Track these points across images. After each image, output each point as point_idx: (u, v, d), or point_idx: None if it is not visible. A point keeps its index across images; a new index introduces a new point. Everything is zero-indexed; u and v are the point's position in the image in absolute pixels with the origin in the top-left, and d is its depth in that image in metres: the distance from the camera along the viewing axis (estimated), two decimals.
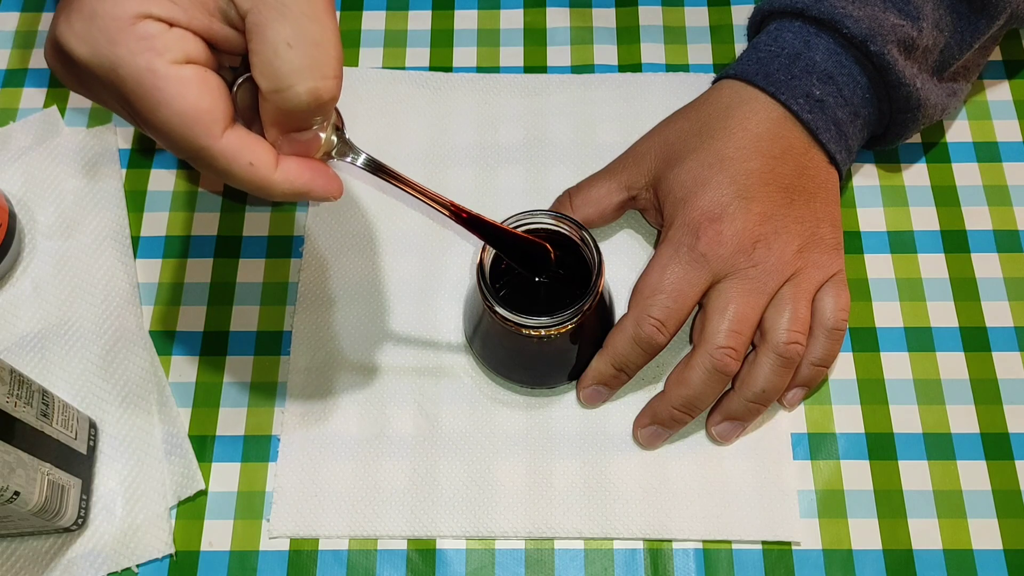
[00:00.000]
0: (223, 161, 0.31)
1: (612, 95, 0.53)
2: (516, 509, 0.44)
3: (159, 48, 0.30)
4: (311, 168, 0.33)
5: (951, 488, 0.44)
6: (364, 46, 0.56)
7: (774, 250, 0.43)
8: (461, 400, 0.46)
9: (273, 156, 0.32)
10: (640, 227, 0.50)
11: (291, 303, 0.48)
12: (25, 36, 0.56)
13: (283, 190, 0.33)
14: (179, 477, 0.44)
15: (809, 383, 0.45)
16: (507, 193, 0.51)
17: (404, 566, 0.43)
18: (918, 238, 0.49)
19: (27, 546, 0.43)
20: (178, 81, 0.30)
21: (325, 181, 0.34)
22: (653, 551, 0.43)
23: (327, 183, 0.34)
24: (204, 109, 0.30)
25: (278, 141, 0.33)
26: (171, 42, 0.30)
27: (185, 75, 0.30)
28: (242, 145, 0.32)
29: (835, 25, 0.45)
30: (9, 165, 0.51)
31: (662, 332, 0.42)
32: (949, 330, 0.47)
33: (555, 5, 0.56)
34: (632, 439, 0.45)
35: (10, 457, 0.37)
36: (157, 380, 0.46)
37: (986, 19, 0.46)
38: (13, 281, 0.49)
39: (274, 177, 0.32)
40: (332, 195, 0.34)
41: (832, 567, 0.42)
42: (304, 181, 0.33)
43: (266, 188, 0.32)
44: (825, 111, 0.45)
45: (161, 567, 0.43)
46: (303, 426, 0.45)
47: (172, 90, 0.30)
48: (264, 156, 0.32)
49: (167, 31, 0.30)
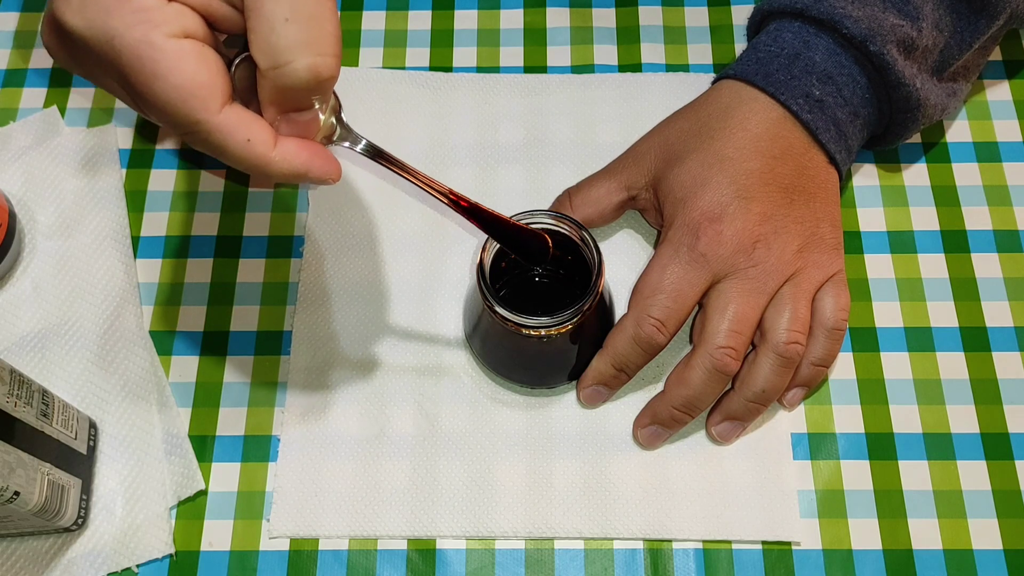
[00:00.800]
0: (219, 136, 0.31)
1: (612, 95, 0.53)
2: (516, 509, 0.44)
3: (156, 21, 0.30)
4: (309, 149, 0.33)
5: (951, 488, 0.44)
6: (364, 46, 0.56)
7: (774, 250, 0.43)
8: (461, 400, 0.46)
9: (271, 135, 0.32)
10: (640, 227, 0.50)
11: (291, 303, 0.48)
12: (25, 36, 0.56)
13: (280, 169, 0.32)
14: (179, 477, 0.44)
15: (809, 383, 0.45)
16: (507, 193, 0.51)
17: (404, 566, 0.43)
18: (918, 238, 0.49)
19: (27, 546, 0.43)
20: (175, 54, 0.30)
21: (323, 162, 0.33)
22: (653, 551, 0.43)
23: (325, 164, 0.34)
24: (201, 83, 0.30)
25: (276, 122, 0.33)
26: (169, 16, 0.30)
27: (183, 48, 0.30)
28: (240, 121, 0.31)
29: (835, 25, 0.45)
30: (9, 165, 0.51)
31: (662, 332, 0.42)
32: (949, 330, 0.47)
33: (555, 5, 0.56)
34: (632, 439, 0.45)
35: (10, 457, 0.37)
36: (157, 380, 0.46)
37: (986, 19, 0.46)
38: (13, 281, 0.49)
39: (271, 155, 0.32)
40: (331, 177, 0.34)
41: (832, 567, 0.42)
42: (302, 161, 0.33)
43: (263, 166, 0.32)
44: (825, 111, 0.45)
45: (161, 567, 0.43)
46: (303, 426, 0.45)
47: (169, 63, 0.30)
48: (262, 134, 0.32)
49: (164, 5, 0.30)
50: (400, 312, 0.48)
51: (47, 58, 0.56)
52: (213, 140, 0.31)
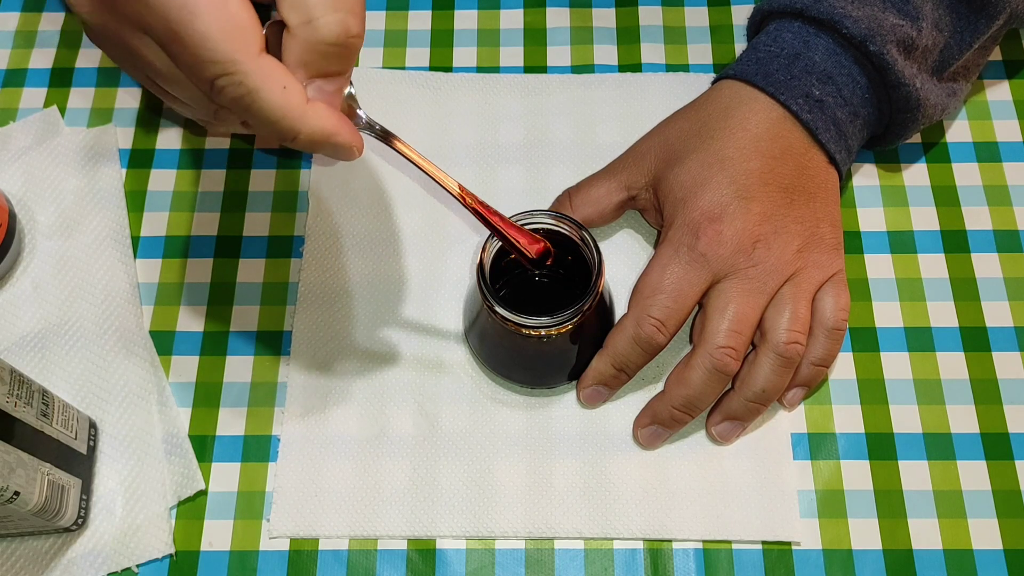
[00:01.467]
0: (255, 80, 0.30)
1: (612, 95, 0.53)
2: (516, 509, 0.44)
3: None
4: (339, 115, 0.33)
5: (951, 488, 0.44)
6: (364, 46, 0.55)
7: (774, 250, 0.43)
8: (461, 400, 0.46)
9: (303, 91, 0.31)
10: (640, 227, 0.50)
11: (291, 303, 0.48)
12: (25, 36, 0.56)
13: (312, 125, 0.31)
14: (179, 477, 0.44)
15: (809, 383, 0.45)
16: (507, 193, 0.51)
17: (404, 566, 0.43)
18: (918, 238, 0.49)
19: (27, 546, 0.43)
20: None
21: (351, 130, 0.33)
22: (653, 551, 0.43)
23: (352, 133, 0.33)
24: (243, 21, 0.30)
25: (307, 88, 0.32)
26: None
27: None
28: (277, 67, 0.31)
29: (834, 25, 0.45)
30: (9, 165, 0.51)
31: (662, 332, 0.42)
32: (949, 330, 0.47)
33: (555, 5, 0.56)
34: (632, 439, 0.45)
35: (10, 457, 0.37)
36: (157, 380, 0.46)
37: (986, 19, 0.46)
38: (13, 281, 0.49)
39: (306, 108, 0.31)
40: (355, 148, 0.33)
41: (832, 567, 0.42)
42: (333, 123, 0.32)
43: (296, 118, 0.31)
44: (825, 111, 0.45)
45: (161, 567, 0.43)
46: (303, 426, 0.45)
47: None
48: (298, 86, 0.31)
49: None
50: (400, 312, 0.48)
51: (47, 58, 0.56)
52: (249, 83, 0.30)
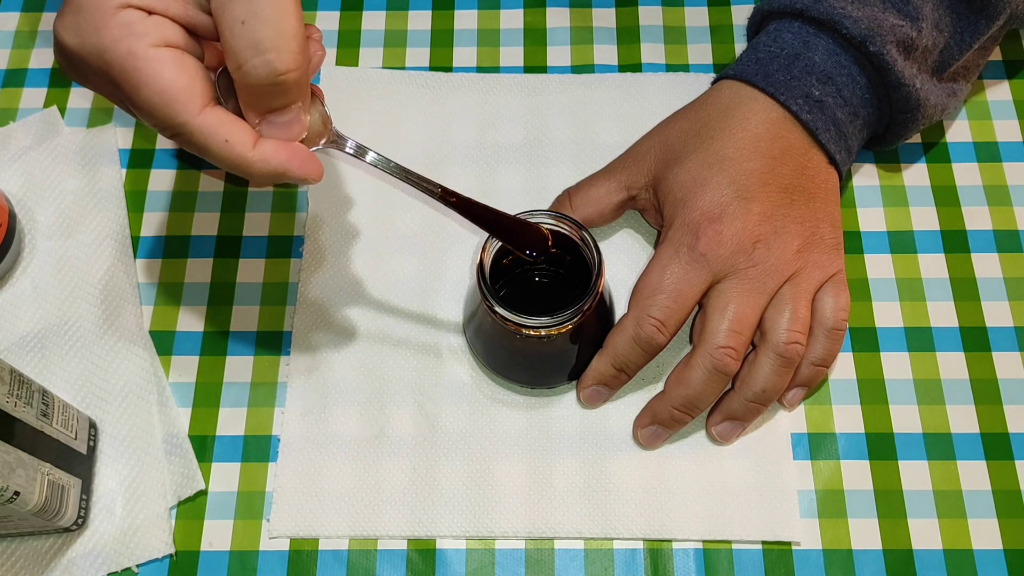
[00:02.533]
0: (201, 137, 0.33)
1: (612, 95, 0.53)
2: (516, 509, 0.44)
3: (139, 33, 0.33)
4: (288, 149, 0.35)
5: (951, 488, 0.44)
6: (364, 46, 0.56)
7: (774, 250, 0.43)
8: (461, 400, 0.46)
9: (251, 136, 0.34)
10: (640, 227, 0.50)
11: (291, 303, 0.48)
12: (25, 36, 0.56)
13: (259, 169, 0.34)
14: (179, 477, 0.44)
15: (809, 383, 0.45)
16: (507, 193, 0.51)
17: (404, 566, 0.43)
18: (918, 238, 0.49)
19: (27, 546, 0.43)
20: (156, 61, 0.33)
21: (302, 162, 0.35)
22: (653, 551, 0.43)
23: (304, 164, 0.35)
24: (180, 87, 0.33)
25: (260, 126, 0.35)
26: (150, 27, 0.33)
27: (163, 56, 0.33)
28: (220, 123, 0.34)
29: (834, 25, 0.45)
30: (9, 165, 0.51)
31: (662, 332, 0.42)
32: (949, 330, 0.47)
33: (555, 5, 0.56)
34: (632, 439, 0.45)
35: (10, 457, 0.37)
36: (157, 380, 0.46)
37: (986, 19, 0.46)
38: (13, 281, 0.49)
39: (250, 155, 0.34)
40: (310, 177, 0.36)
41: (832, 567, 0.42)
42: (280, 161, 0.35)
43: (243, 166, 0.34)
44: (824, 111, 0.45)
45: (161, 567, 0.43)
46: (303, 426, 0.45)
47: (151, 70, 0.32)
48: (241, 135, 0.34)
49: (146, 18, 0.33)
50: (400, 312, 0.48)
51: (47, 58, 0.56)
52: (196, 141, 0.34)
